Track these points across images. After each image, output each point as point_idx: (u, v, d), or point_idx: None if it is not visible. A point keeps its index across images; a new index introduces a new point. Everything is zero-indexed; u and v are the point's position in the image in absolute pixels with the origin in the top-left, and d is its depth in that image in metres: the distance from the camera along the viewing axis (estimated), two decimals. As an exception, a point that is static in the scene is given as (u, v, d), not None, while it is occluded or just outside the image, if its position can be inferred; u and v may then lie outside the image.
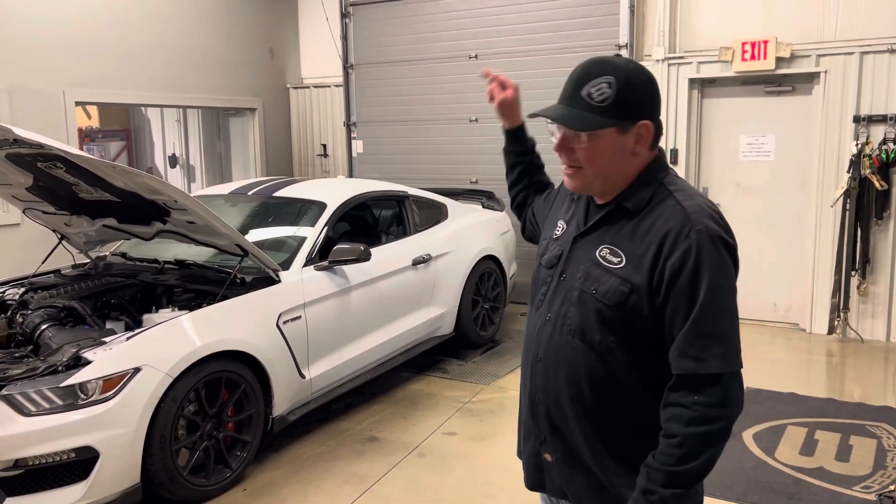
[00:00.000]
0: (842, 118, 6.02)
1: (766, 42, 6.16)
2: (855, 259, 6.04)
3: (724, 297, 1.50)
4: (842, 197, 5.98)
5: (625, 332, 1.56)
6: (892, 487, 3.47)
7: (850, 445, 4.11)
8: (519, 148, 2.11)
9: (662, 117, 6.57)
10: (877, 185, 5.81)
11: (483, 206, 6.48)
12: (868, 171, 5.83)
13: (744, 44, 6.24)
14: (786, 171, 6.44)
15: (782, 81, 6.32)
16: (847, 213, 5.99)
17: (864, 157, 5.84)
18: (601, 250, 1.61)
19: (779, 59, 6.15)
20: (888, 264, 6.01)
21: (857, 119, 5.93)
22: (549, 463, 1.74)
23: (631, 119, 1.55)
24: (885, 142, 5.82)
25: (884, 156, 5.79)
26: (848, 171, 5.92)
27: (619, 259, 1.57)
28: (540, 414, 1.72)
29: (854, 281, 6.09)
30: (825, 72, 6.04)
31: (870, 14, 5.88)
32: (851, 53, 5.92)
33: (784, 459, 3.96)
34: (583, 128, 1.55)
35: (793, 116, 6.36)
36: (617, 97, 1.52)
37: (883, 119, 5.84)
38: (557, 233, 1.76)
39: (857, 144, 5.88)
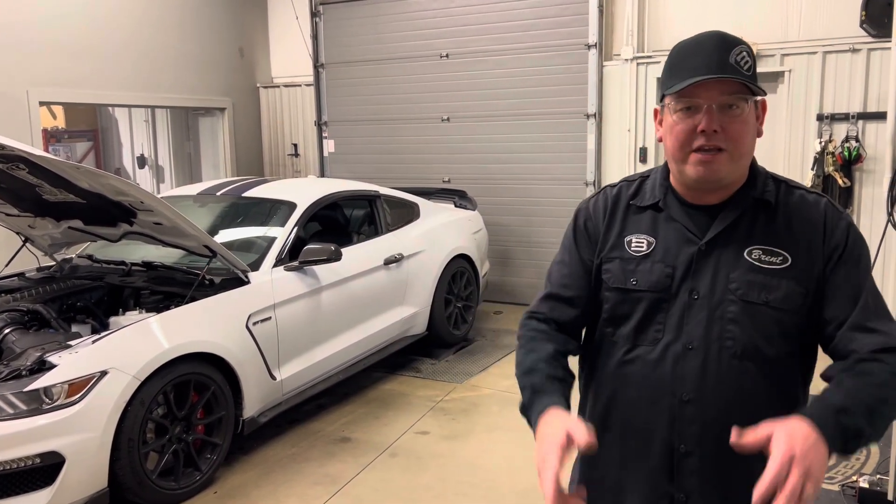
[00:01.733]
0: (806, 116, 6.13)
1: (732, 42, 6.24)
2: (820, 255, 6.15)
3: (874, 280, 1.45)
4: (806, 194, 6.09)
5: (800, 340, 1.42)
6: (854, 478, 3.54)
7: (815, 438, 4.19)
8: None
9: (632, 115, 6.59)
10: (840, 182, 5.92)
11: (455, 205, 6.49)
12: (831, 168, 5.94)
13: (710, 43, 6.31)
14: (752, 168, 6.53)
15: (748, 80, 6.42)
16: (812, 209, 6.09)
17: (827, 154, 5.95)
18: (750, 253, 1.42)
19: (744, 59, 6.23)
20: (852, 260, 6.13)
21: (820, 117, 6.04)
22: None
23: (764, 94, 1.42)
24: (847, 140, 5.93)
25: (846, 153, 5.90)
26: (812, 169, 6.03)
27: (780, 258, 1.40)
28: (688, 469, 1.43)
29: (819, 276, 6.20)
30: (789, 71, 6.15)
31: (832, 15, 6.00)
32: (815, 53, 6.03)
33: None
34: (760, 92, 1.39)
35: (759, 115, 6.45)
36: (754, 68, 1.41)
37: (845, 117, 5.95)
38: (640, 249, 1.49)
39: (820, 142, 5.99)
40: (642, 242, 1.50)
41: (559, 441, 1.28)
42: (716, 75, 1.35)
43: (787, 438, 1.18)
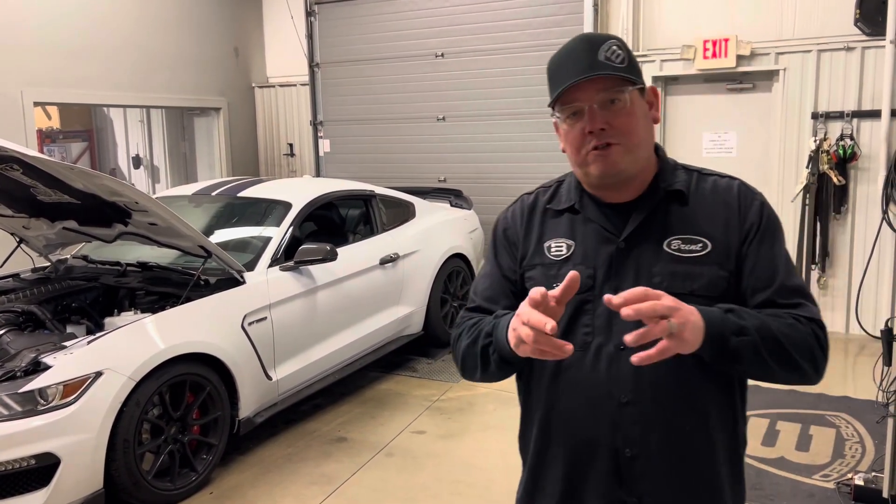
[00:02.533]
0: (800, 115, 6.15)
1: (727, 40, 6.26)
2: (815, 253, 6.17)
3: (791, 259, 1.47)
4: (801, 192, 6.10)
5: None
6: (850, 476, 3.55)
7: (810, 435, 4.20)
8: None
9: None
10: (835, 180, 5.94)
11: (451, 205, 6.49)
12: (826, 166, 5.95)
13: (705, 42, 6.33)
14: (747, 167, 6.54)
15: (743, 79, 6.43)
16: (806, 207, 6.11)
17: (822, 152, 5.96)
18: (670, 244, 1.42)
19: (739, 57, 6.25)
20: (846, 258, 6.15)
21: (815, 116, 6.05)
22: None
23: (643, 82, 1.44)
24: (842, 138, 5.95)
25: (841, 151, 5.92)
26: (807, 167, 6.05)
27: (700, 245, 1.41)
28: (636, 472, 1.41)
29: (814, 274, 6.22)
30: (784, 69, 6.16)
31: (826, 13, 6.01)
32: (809, 51, 6.04)
33: (746, 450, 4.02)
34: (638, 81, 1.41)
35: (753, 113, 6.47)
36: (630, 59, 1.41)
37: (840, 115, 5.97)
38: (560, 253, 1.49)
39: (815, 140, 6.00)
40: (561, 246, 1.49)
41: (528, 300, 1.25)
42: (585, 75, 1.36)
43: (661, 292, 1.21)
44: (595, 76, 1.37)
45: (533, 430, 1.52)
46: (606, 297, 1.19)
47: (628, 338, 1.18)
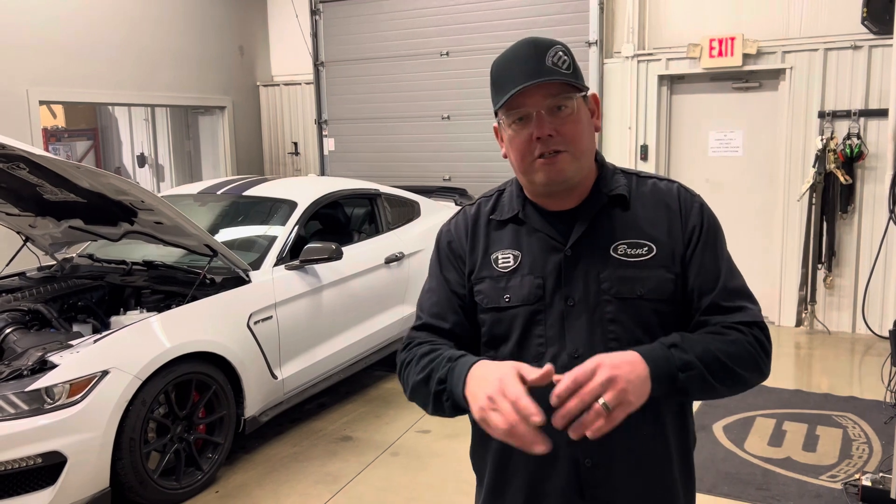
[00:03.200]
0: (807, 114, 6.12)
1: (733, 39, 6.24)
2: (821, 252, 6.15)
3: (732, 257, 1.48)
4: (808, 191, 6.08)
5: (679, 326, 1.41)
6: (857, 476, 3.54)
7: (817, 436, 4.19)
8: None
9: (633, 113, 6.60)
10: (841, 179, 5.91)
11: (456, 204, 6.48)
12: (833, 165, 5.93)
13: (711, 41, 6.31)
14: (754, 166, 6.53)
15: (749, 78, 6.41)
16: (813, 207, 6.09)
17: (828, 151, 5.94)
18: (616, 249, 1.41)
19: (746, 56, 6.23)
20: (853, 257, 6.13)
21: (821, 115, 6.03)
22: None
23: (587, 89, 1.43)
24: (849, 137, 5.93)
25: (848, 151, 5.89)
26: (813, 166, 6.02)
27: (646, 248, 1.41)
28: (596, 481, 1.40)
29: (820, 274, 6.20)
30: (791, 68, 6.14)
31: (833, 12, 5.99)
32: (816, 50, 6.02)
33: (753, 451, 4.02)
34: (583, 87, 1.40)
35: (760, 112, 6.45)
36: (574, 65, 1.41)
37: (847, 114, 5.94)
38: (508, 264, 1.46)
39: (822, 140, 5.98)
40: (508, 257, 1.47)
41: (513, 369, 1.22)
42: (534, 80, 1.35)
43: (601, 357, 1.21)
44: (543, 81, 1.35)
45: (491, 445, 1.48)
46: (555, 392, 1.17)
47: (571, 433, 1.17)
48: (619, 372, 1.19)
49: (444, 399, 1.37)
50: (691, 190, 1.50)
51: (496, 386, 1.21)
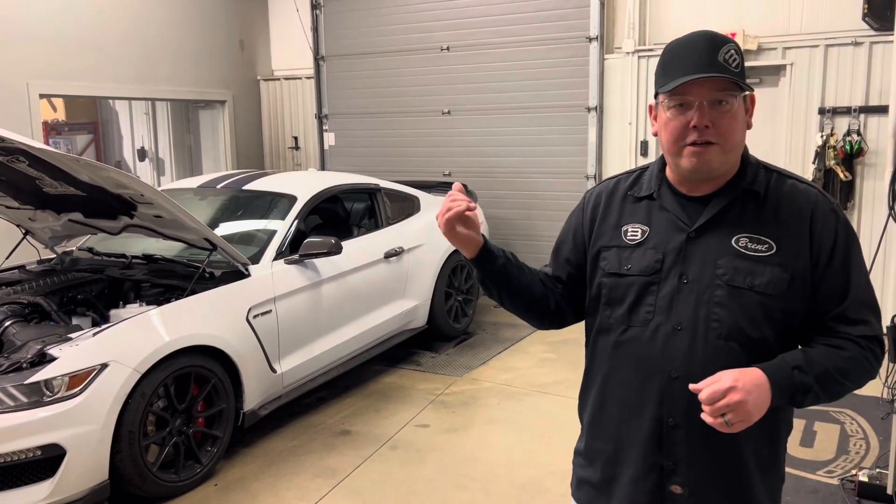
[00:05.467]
0: (807, 110, 6.12)
1: (733, 35, 6.22)
2: (820, 249, 6.15)
3: (866, 269, 1.55)
4: (808, 188, 6.08)
5: (784, 323, 1.49)
6: (854, 472, 3.55)
7: (815, 431, 4.20)
8: (498, 265, 1.68)
9: (633, 109, 6.60)
10: (841, 175, 5.91)
11: (455, 199, 6.47)
12: (833, 162, 5.93)
13: (712, 36, 6.30)
14: (753, 162, 6.52)
15: (749, 74, 6.39)
16: (813, 203, 6.08)
17: (829, 148, 5.94)
18: (738, 240, 1.49)
19: (746, 52, 6.22)
20: (852, 254, 6.13)
21: (822, 111, 6.02)
22: (677, 496, 1.55)
23: (751, 90, 1.51)
24: (849, 133, 5.92)
25: (848, 147, 5.89)
26: (813, 163, 6.02)
27: (766, 246, 1.47)
28: (675, 439, 1.52)
29: (820, 270, 6.20)
30: (791, 64, 6.13)
31: (834, 8, 5.98)
32: (816, 46, 6.01)
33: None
34: (748, 88, 1.48)
35: (760, 108, 6.36)
36: (743, 66, 1.49)
37: (847, 111, 5.94)
38: (636, 237, 1.59)
39: (822, 136, 5.97)
40: (637, 231, 1.59)
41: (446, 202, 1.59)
42: (706, 74, 1.43)
43: (736, 373, 1.38)
44: (714, 77, 1.44)
45: (592, 391, 1.67)
46: (692, 386, 1.39)
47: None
48: (748, 398, 1.36)
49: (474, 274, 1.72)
50: (830, 197, 1.56)
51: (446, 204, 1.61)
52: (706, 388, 1.36)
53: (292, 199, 4.70)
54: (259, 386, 4.02)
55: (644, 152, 6.70)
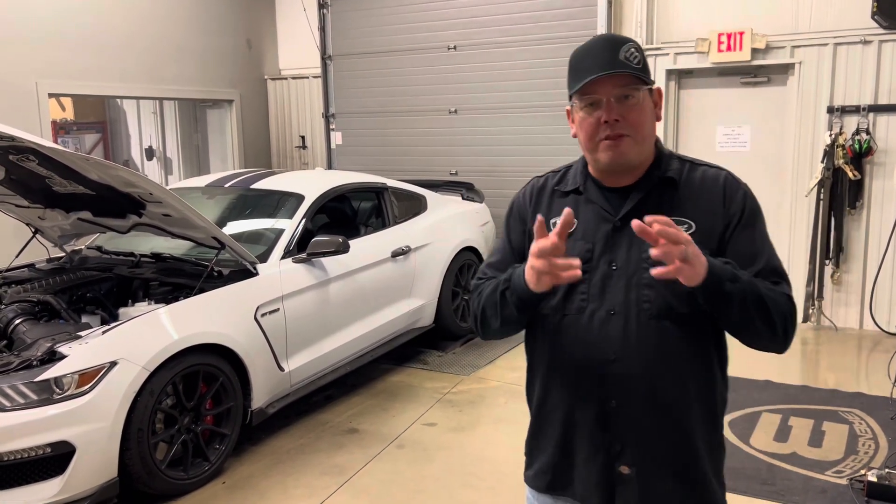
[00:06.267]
0: (816, 109, 6.09)
1: (741, 33, 6.21)
2: (829, 248, 6.13)
3: (771, 243, 1.64)
4: (816, 187, 6.06)
5: None
6: (863, 472, 3.54)
7: (823, 431, 4.18)
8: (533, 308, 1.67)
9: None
10: (850, 175, 5.88)
11: (463, 198, 6.49)
12: (841, 161, 5.90)
13: (720, 35, 6.28)
14: (761, 161, 6.50)
15: (758, 72, 6.38)
16: (821, 202, 6.07)
17: (837, 147, 5.91)
18: None
19: (754, 51, 6.20)
20: (861, 253, 6.11)
21: (830, 110, 6.00)
22: (625, 476, 1.62)
23: (653, 83, 1.63)
24: (857, 132, 5.89)
25: (857, 146, 5.87)
26: (822, 162, 6.00)
27: (686, 226, 1.57)
28: (618, 421, 1.60)
29: (828, 270, 6.18)
30: (800, 63, 6.10)
31: (843, 6, 5.95)
32: (825, 45, 5.99)
33: (758, 446, 4.02)
34: (649, 81, 1.59)
35: (768, 107, 6.42)
36: (644, 61, 1.60)
37: (856, 110, 5.91)
38: None
39: (830, 135, 5.95)
40: None
41: (536, 245, 1.48)
42: (608, 71, 1.54)
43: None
44: (616, 73, 1.55)
45: (537, 381, 1.74)
46: (635, 222, 1.39)
47: (654, 252, 1.39)
48: (693, 248, 1.41)
49: (510, 294, 1.61)
50: (738, 178, 1.69)
51: (533, 252, 1.50)
52: (656, 218, 1.40)
53: (300, 198, 4.71)
54: (267, 384, 4.03)
55: (651, 151, 6.68)
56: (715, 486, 1.65)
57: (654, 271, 1.40)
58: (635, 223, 1.39)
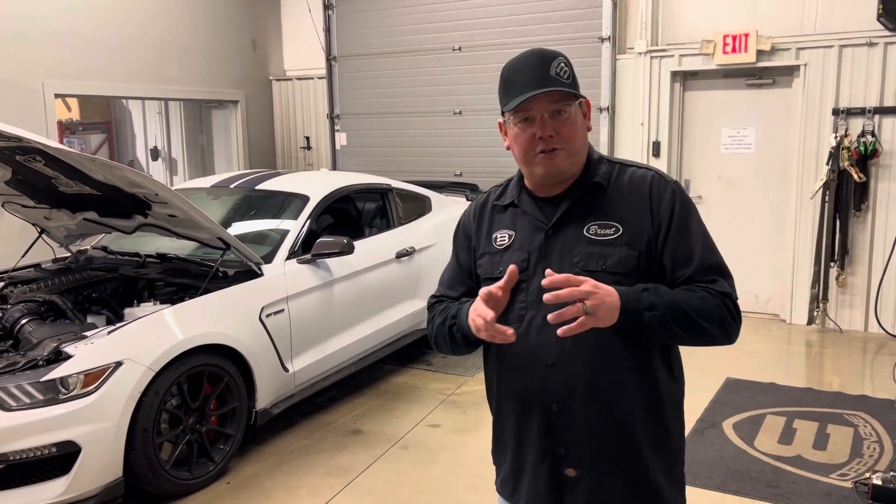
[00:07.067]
0: (821, 111, 6.08)
1: (747, 35, 6.20)
2: (834, 250, 6.11)
3: (709, 234, 1.65)
4: (821, 189, 6.04)
5: None
6: (868, 475, 3.53)
7: (828, 434, 4.17)
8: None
9: (645, 109, 6.59)
10: (855, 177, 5.88)
11: (467, 199, 6.48)
12: (847, 163, 5.89)
13: (725, 37, 6.28)
14: (766, 163, 6.49)
15: (763, 74, 6.37)
16: (826, 204, 6.06)
17: (842, 149, 5.91)
18: (588, 229, 1.63)
19: (759, 52, 6.19)
20: (866, 255, 6.09)
21: (836, 112, 5.99)
22: (571, 479, 1.64)
23: (583, 96, 1.66)
24: (863, 134, 5.88)
25: (862, 148, 5.86)
26: (827, 164, 5.99)
27: (613, 229, 1.61)
28: (561, 424, 1.63)
29: (833, 272, 6.17)
30: (805, 65, 6.10)
31: (848, 8, 5.94)
32: (830, 47, 5.98)
33: (763, 448, 4.01)
34: (580, 95, 1.63)
35: (773, 109, 6.41)
36: (573, 75, 1.64)
37: (861, 112, 5.90)
38: (503, 242, 1.72)
39: (836, 137, 5.94)
40: (504, 236, 1.74)
41: (483, 294, 1.56)
42: (542, 89, 1.58)
43: (588, 278, 1.47)
44: (548, 92, 1.58)
45: (493, 391, 1.79)
46: (544, 280, 1.45)
47: (550, 317, 1.43)
48: (599, 291, 1.45)
49: (455, 331, 1.73)
50: (666, 176, 1.70)
51: (474, 307, 1.59)
52: (562, 275, 1.45)
53: (305, 199, 4.72)
54: (271, 385, 4.04)
55: (657, 153, 6.68)
56: (665, 488, 1.66)
57: (559, 331, 1.43)
58: (545, 283, 1.44)
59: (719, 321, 1.55)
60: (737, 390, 4.82)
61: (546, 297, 1.44)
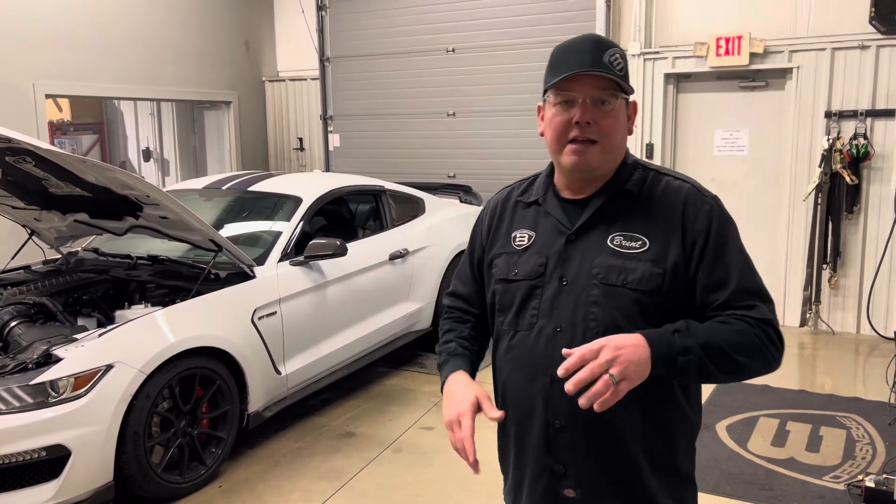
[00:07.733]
0: (814, 113, 6.10)
1: (740, 38, 6.22)
2: (826, 252, 6.13)
3: (747, 255, 1.52)
4: (813, 191, 6.06)
5: (662, 319, 1.46)
6: (860, 477, 3.53)
7: (821, 436, 4.18)
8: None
9: (639, 111, 6.62)
10: (847, 179, 5.89)
11: (461, 201, 6.48)
12: (839, 165, 5.91)
13: (718, 39, 6.29)
14: (759, 165, 6.51)
15: (756, 77, 6.39)
16: (819, 207, 6.07)
17: (835, 152, 5.92)
18: (612, 239, 1.51)
19: (752, 55, 6.21)
20: (858, 257, 6.11)
21: (828, 114, 6.01)
22: (570, 500, 1.55)
23: (633, 93, 1.55)
24: (855, 137, 5.90)
25: (854, 151, 5.87)
26: (819, 166, 6.01)
27: (640, 243, 1.49)
28: (562, 442, 1.53)
29: (825, 274, 6.18)
30: (797, 67, 6.11)
31: (841, 11, 5.96)
32: (823, 49, 6.00)
33: (756, 451, 4.01)
34: (629, 90, 1.51)
35: (766, 111, 6.43)
36: (626, 70, 1.53)
37: (853, 114, 5.92)
38: (522, 243, 1.62)
39: (828, 139, 5.96)
40: (524, 236, 1.63)
41: (470, 404, 1.51)
42: (589, 70, 1.47)
43: (607, 338, 1.34)
44: (596, 73, 1.47)
45: (498, 397, 1.70)
46: (560, 371, 1.32)
47: (582, 402, 1.30)
48: (621, 352, 1.32)
49: (443, 376, 1.69)
50: (704, 190, 1.57)
51: (455, 417, 1.53)
52: (574, 353, 1.31)
53: (297, 201, 4.70)
54: (264, 387, 4.02)
55: (650, 155, 6.68)
56: None
57: (596, 406, 1.29)
58: (560, 371, 1.31)
59: (760, 354, 1.43)
60: (730, 392, 4.83)
61: (567, 387, 1.30)
